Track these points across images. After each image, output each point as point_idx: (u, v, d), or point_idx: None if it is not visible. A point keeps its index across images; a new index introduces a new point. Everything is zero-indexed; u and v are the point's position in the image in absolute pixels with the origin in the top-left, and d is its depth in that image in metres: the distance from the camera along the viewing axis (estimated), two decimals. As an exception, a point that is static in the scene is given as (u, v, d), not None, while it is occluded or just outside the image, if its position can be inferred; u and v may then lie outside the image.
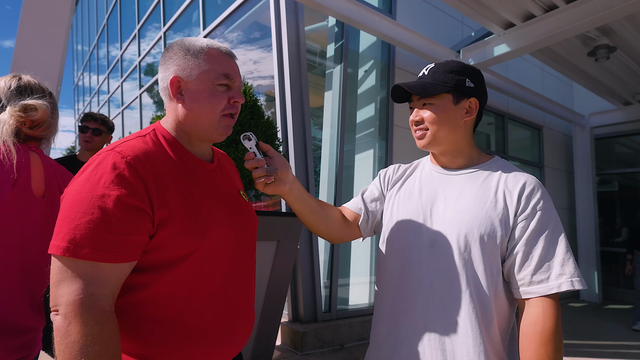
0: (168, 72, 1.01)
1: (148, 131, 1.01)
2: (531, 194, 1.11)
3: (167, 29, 8.02)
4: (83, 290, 0.80)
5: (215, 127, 1.02)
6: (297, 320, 4.16)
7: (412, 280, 1.16)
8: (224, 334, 1.00)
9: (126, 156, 0.88)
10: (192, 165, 1.02)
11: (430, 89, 1.18)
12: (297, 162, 4.17)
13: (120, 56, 12.00)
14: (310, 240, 4.19)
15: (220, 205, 1.03)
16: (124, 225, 0.83)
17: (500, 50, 4.80)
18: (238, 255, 1.06)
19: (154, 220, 0.88)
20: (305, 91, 4.28)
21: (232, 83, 1.03)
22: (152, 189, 0.88)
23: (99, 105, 15.45)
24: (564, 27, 4.11)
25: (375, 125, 5.06)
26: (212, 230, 0.96)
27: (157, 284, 0.90)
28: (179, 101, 1.00)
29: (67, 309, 0.79)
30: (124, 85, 11.56)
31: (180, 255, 0.91)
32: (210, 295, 0.97)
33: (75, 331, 0.77)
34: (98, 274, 0.82)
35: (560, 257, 1.06)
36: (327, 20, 4.85)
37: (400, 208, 1.27)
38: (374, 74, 5.13)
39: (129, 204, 0.84)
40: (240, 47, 5.72)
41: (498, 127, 6.99)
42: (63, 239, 0.81)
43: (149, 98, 9.41)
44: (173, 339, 0.91)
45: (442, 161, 1.28)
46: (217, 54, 1.02)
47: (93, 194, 0.83)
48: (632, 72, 6.06)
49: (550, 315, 1.03)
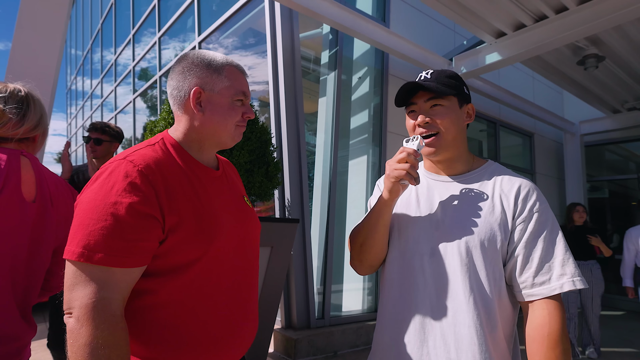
0: (187, 83, 1.06)
1: (157, 140, 1.06)
2: (527, 197, 1.13)
3: (162, 34, 8.02)
4: (96, 294, 0.84)
5: (232, 136, 1.10)
6: (290, 327, 4.15)
7: (413, 288, 1.15)
8: (229, 338, 1.03)
9: (137, 165, 0.92)
10: (200, 173, 1.07)
11: (443, 90, 1.17)
12: (291, 167, 4.19)
13: (114, 60, 11.96)
14: (304, 246, 4.19)
15: (225, 211, 1.07)
16: (136, 232, 0.88)
17: (492, 59, 4.86)
18: (242, 260, 1.09)
19: (164, 226, 0.92)
20: (299, 97, 4.30)
21: (246, 99, 1.12)
22: (162, 196, 0.93)
23: (92, 110, 15.37)
24: (553, 36, 4.18)
25: (369, 131, 5.09)
26: (219, 235, 1.00)
27: (165, 289, 0.94)
28: (198, 111, 1.05)
29: (80, 312, 0.82)
30: (118, 90, 11.52)
31: (188, 260, 0.95)
32: (217, 300, 1.00)
33: (87, 334, 0.81)
34: (110, 278, 0.86)
35: (560, 257, 1.07)
36: (322, 28, 4.89)
37: (399, 217, 1.26)
38: (368, 81, 5.17)
39: (141, 211, 0.89)
40: (235, 53, 5.75)
41: (490, 133, 7.06)
42: (78, 244, 0.85)
43: (143, 103, 9.38)
44: (179, 343, 0.95)
45: (440, 168, 1.27)
46: (236, 72, 1.10)
47: (106, 202, 0.87)
48: (620, 81, 6.15)
49: (555, 317, 1.04)
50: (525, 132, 7.73)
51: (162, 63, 8.09)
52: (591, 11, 3.89)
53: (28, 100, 1.36)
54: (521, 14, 4.19)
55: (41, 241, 1.27)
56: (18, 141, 1.34)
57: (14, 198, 1.20)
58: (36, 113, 1.37)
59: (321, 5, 3.96)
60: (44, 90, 2.98)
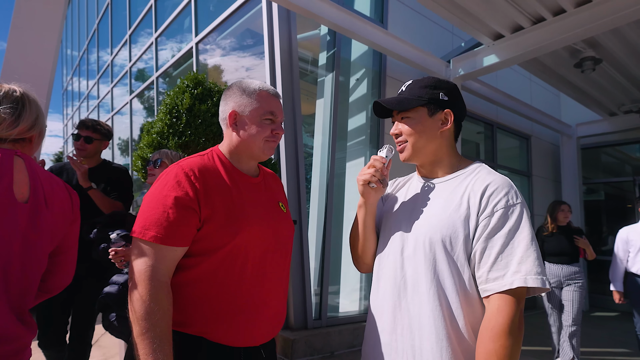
0: (227, 107, 1.32)
1: (208, 152, 1.33)
2: (493, 194, 1.14)
3: (159, 34, 8.01)
4: (147, 263, 1.11)
5: (261, 149, 1.32)
6: (288, 327, 4.14)
7: (388, 283, 1.26)
8: (253, 314, 1.23)
9: (184, 168, 1.20)
10: (238, 178, 1.30)
11: (405, 103, 1.28)
12: (288, 168, 4.18)
13: (110, 61, 11.93)
14: (301, 248, 4.19)
15: (256, 212, 1.28)
16: (179, 218, 1.13)
17: (490, 61, 4.87)
18: (270, 255, 1.28)
19: (201, 216, 1.17)
20: (297, 99, 4.30)
21: (276, 118, 1.32)
22: (201, 193, 1.18)
23: (88, 111, 15.32)
24: (551, 39, 4.20)
25: (366, 133, 5.09)
26: (244, 230, 1.21)
27: (201, 266, 1.19)
28: (234, 130, 1.31)
29: (137, 276, 1.10)
30: (114, 91, 11.49)
31: (217, 246, 1.18)
32: (241, 281, 1.21)
33: (139, 291, 1.08)
34: (158, 253, 1.12)
35: (520, 255, 1.07)
36: (320, 29, 4.89)
37: (387, 220, 1.36)
38: (365, 82, 5.17)
39: (183, 203, 1.14)
40: (233, 54, 5.74)
41: (487, 136, 7.08)
42: (138, 225, 1.14)
43: (140, 104, 9.36)
44: (210, 312, 1.18)
45: (424, 172, 1.35)
46: (266, 95, 1.32)
47: (160, 195, 1.16)
48: (617, 84, 6.18)
49: (504, 312, 1.04)
50: (522, 134, 7.76)
51: (159, 64, 8.07)
52: (589, 13, 3.91)
53: (23, 101, 1.35)
54: (519, 16, 4.21)
55: (35, 242, 1.26)
56: (13, 141, 1.32)
57: (5, 199, 1.19)
58: (32, 113, 1.36)
59: (319, 6, 3.96)
60: (39, 90, 2.95)
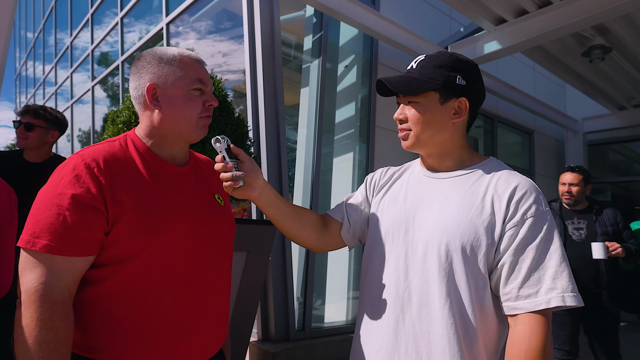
0: (142, 81, 1.16)
1: (121, 137, 1.18)
2: (522, 199, 1.10)
3: (125, 14, 7.88)
4: (38, 279, 0.96)
5: (194, 129, 1.18)
6: (268, 339, 4.12)
7: (390, 291, 1.17)
8: (183, 336, 1.10)
9: (85, 159, 1.04)
10: (157, 168, 1.16)
11: (415, 86, 1.17)
12: (269, 165, 4.15)
13: (70, 43, 11.72)
14: (284, 252, 4.16)
15: (182, 208, 1.15)
16: (78, 222, 0.99)
17: (491, 48, 4.90)
18: (201, 259, 1.16)
19: (108, 217, 1.03)
20: (279, 87, 4.27)
21: (205, 87, 1.19)
22: (106, 188, 1.03)
23: (44, 98, 15.04)
24: (558, 24, 4.24)
25: (355, 126, 5.08)
26: (165, 230, 1.08)
27: (112, 279, 1.04)
28: (155, 107, 1.15)
29: (25, 295, 0.95)
30: (74, 77, 11.29)
31: (132, 252, 1.05)
32: (163, 296, 1.08)
33: (28, 315, 0.93)
34: (53, 266, 0.97)
35: (553, 270, 1.04)
36: (305, 10, 4.86)
37: (384, 215, 1.28)
38: (355, 70, 5.16)
39: (83, 202, 1.00)
40: (208, 38, 5.67)
41: (487, 130, 7.13)
42: (26, 232, 0.98)
43: (103, 91, 9.21)
44: (124, 334, 1.04)
45: (430, 163, 1.28)
46: (189, 61, 1.18)
47: (53, 193, 1.00)
48: (627, 75, 6.27)
49: (537, 334, 1.02)
50: (525, 129, 7.84)
51: (124, 47, 7.94)
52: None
53: None
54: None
55: None
56: None
57: None
58: None
59: (304, -15, 3.93)
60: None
